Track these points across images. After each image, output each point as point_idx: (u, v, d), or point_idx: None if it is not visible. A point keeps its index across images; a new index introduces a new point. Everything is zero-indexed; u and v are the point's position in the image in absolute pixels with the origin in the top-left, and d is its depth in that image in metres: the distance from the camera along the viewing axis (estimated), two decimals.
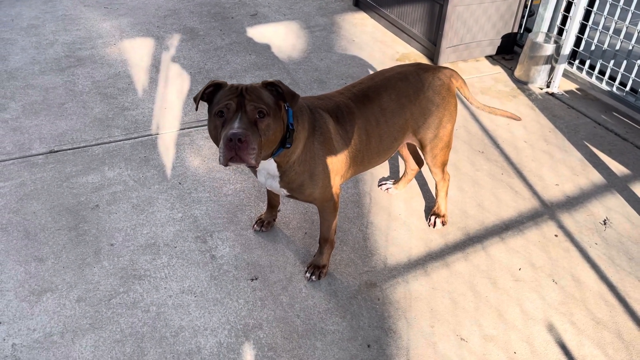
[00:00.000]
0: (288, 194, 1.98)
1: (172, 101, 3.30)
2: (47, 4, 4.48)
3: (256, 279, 2.18)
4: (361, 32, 4.30)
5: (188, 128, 3.07)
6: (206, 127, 3.07)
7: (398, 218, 2.51)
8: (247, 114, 1.65)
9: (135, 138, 2.97)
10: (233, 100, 1.66)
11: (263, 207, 2.53)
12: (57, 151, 2.84)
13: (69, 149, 2.86)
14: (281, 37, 4.12)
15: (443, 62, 3.81)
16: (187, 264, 2.23)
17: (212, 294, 2.11)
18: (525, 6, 3.86)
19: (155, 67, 3.65)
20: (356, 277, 2.21)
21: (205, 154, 2.87)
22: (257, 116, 1.66)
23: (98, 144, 2.91)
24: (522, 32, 4.00)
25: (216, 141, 1.71)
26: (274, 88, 1.74)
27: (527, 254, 2.35)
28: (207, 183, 2.67)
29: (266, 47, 3.96)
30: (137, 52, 3.82)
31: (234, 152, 1.61)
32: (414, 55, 3.98)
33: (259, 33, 4.18)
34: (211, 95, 1.76)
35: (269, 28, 4.27)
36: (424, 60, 3.91)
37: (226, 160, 1.63)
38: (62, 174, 2.68)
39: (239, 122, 1.63)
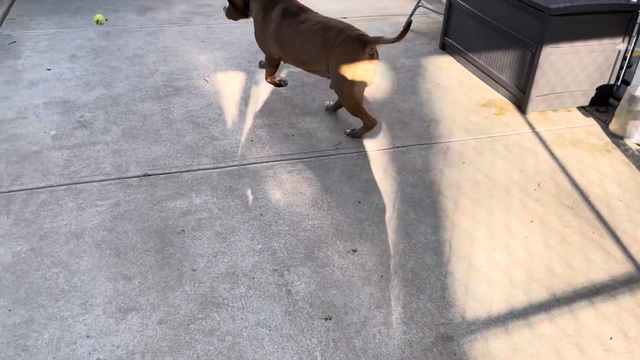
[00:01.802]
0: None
1: (259, 134, 3.42)
2: (151, 35, 4.84)
3: (330, 319, 2.18)
4: (447, 75, 4.29)
5: (272, 161, 3.16)
6: (289, 161, 3.16)
7: (479, 270, 2.43)
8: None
9: (222, 167, 3.09)
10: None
11: (340, 245, 2.55)
12: (150, 175, 3.01)
13: (161, 174, 3.02)
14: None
15: (532, 110, 3.71)
16: (264, 297, 2.27)
17: (286, 330, 2.12)
18: (624, 57, 3.70)
19: (244, 100, 3.82)
20: (432, 328, 2.15)
21: (286, 187, 2.94)
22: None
23: (188, 171, 3.06)
24: (619, 84, 3.82)
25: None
26: None
27: (619, 322, 2.19)
28: (287, 217, 2.72)
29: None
30: (229, 84, 4.01)
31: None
32: (501, 101, 3.90)
33: None
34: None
35: None
36: (511, 107, 3.83)
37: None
38: (154, 197, 2.83)
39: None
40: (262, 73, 4.19)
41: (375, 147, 3.34)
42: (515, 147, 3.38)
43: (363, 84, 3.17)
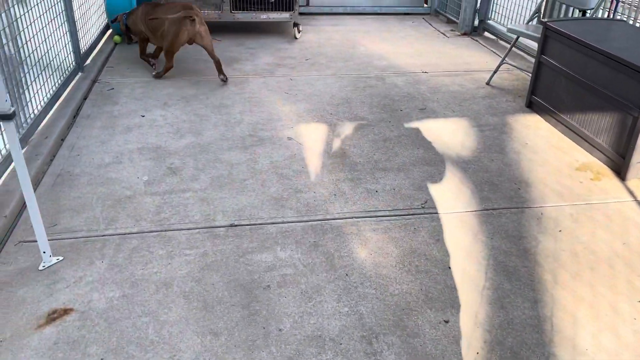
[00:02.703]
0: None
1: (342, 189, 3.41)
2: (237, 85, 5.02)
3: None
4: (534, 135, 4.15)
5: (356, 218, 3.12)
6: (374, 219, 3.11)
7: (585, 354, 2.24)
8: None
9: (307, 221, 3.08)
10: None
11: (431, 314, 2.43)
12: (236, 225, 3.04)
13: (247, 225, 3.05)
14: (449, 133, 4.12)
15: (632, 177, 3.49)
16: None
17: None
18: None
19: (327, 152, 3.84)
20: None
21: (372, 247, 2.87)
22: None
23: (272, 223, 3.07)
24: None
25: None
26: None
27: None
28: (374, 279, 2.65)
29: (434, 143, 3.98)
30: (312, 136, 4.06)
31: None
32: (596, 165, 3.70)
33: (427, 127, 4.23)
34: None
35: (438, 123, 4.31)
36: (608, 172, 3.62)
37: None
38: (240, 249, 2.85)
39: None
40: (345, 125, 4.22)
41: (463, 207, 3.23)
42: (617, 216, 3.17)
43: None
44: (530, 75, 4.90)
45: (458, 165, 3.70)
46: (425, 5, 7.86)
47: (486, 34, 6.76)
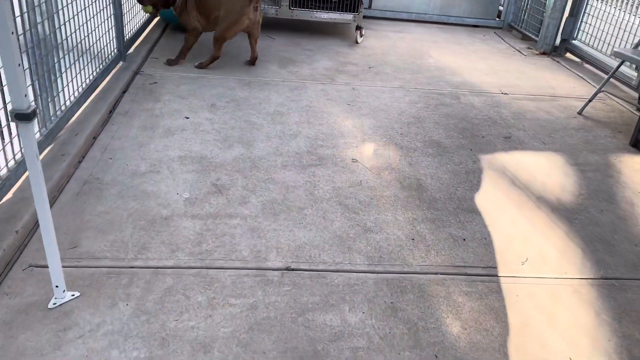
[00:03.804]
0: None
1: (421, 232, 2.79)
2: (294, 91, 4.45)
3: None
4: None
5: (443, 274, 2.51)
6: (465, 277, 2.48)
7: None
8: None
9: (380, 273, 2.48)
10: None
11: None
12: (293, 269, 2.46)
13: (306, 270, 2.46)
14: (544, 172, 3.47)
15: None
16: None
17: None
18: None
19: (399, 182, 3.23)
20: None
21: (466, 318, 2.25)
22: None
23: (337, 271, 2.48)
24: None
25: None
26: None
27: None
28: None
29: (527, 181, 3.33)
30: (380, 160, 3.46)
31: None
32: None
33: (516, 161, 3.58)
34: None
35: (528, 157, 3.65)
36: None
37: None
38: (298, 304, 2.26)
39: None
40: (418, 150, 3.60)
41: (575, 272, 2.57)
42: None
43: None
44: (635, 108, 4.22)
45: (561, 214, 3.04)
46: (497, 18, 7.18)
47: (568, 55, 6.05)
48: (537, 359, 2.08)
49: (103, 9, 4.10)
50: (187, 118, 3.83)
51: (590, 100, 4.46)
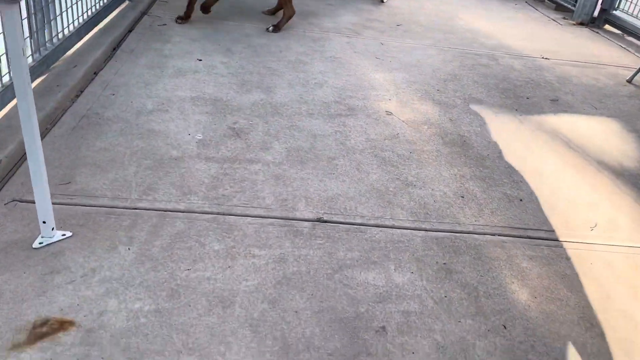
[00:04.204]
0: None
1: (470, 189, 2.41)
2: (317, 42, 4.04)
3: None
4: None
5: (501, 235, 2.13)
6: (528, 241, 2.11)
7: None
8: None
9: (428, 231, 2.10)
10: None
11: None
12: (325, 221, 2.08)
13: (341, 223, 2.08)
14: (600, 137, 3.08)
15: None
16: None
17: None
18: None
19: (441, 137, 2.84)
20: None
21: (534, 285, 1.88)
22: None
23: (378, 226, 2.10)
24: None
25: None
26: None
27: None
28: (548, 340, 1.66)
29: (585, 146, 2.94)
30: (418, 115, 3.07)
31: None
32: None
33: (567, 124, 3.19)
34: None
35: (580, 121, 3.27)
36: None
37: None
38: (333, 259, 1.89)
39: None
40: (458, 106, 3.21)
41: None
42: None
43: None
44: None
45: (625, 179, 2.66)
46: None
47: (607, 27, 5.64)
48: (626, 336, 1.72)
49: None
50: (200, 60, 3.42)
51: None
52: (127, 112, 2.69)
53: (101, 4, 3.56)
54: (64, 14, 2.99)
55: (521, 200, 2.38)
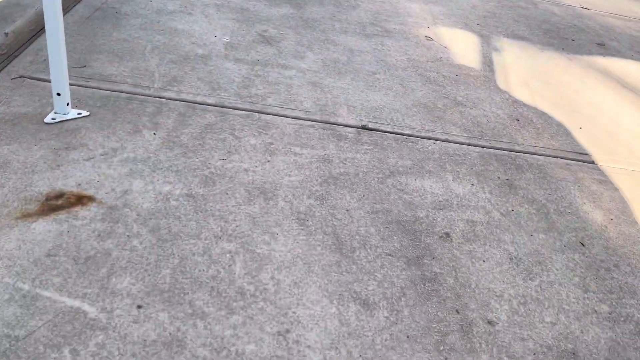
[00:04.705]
0: None
1: (525, 115, 2.19)
2: None
3: None
4: None
5: (565, 159, 1.92)
6: (594, 167, 1.89)
7: None
8: None
9: (485, 147, 1.88)
10: None
11: None
12: (372, 129, 1.85)
13: (390, 132, 1.86)
14: None
15: None
16: None
17: None
18: None
19: (487, 66, 2.60)
20: None
21: (608, 207, 1.67)
22: None
23: (430, 138, 1.87)
24: None
25: None
26: None
27: None
28: (633, 260, 1.46)
29: (636, 87, 2.72)
30: (459, 44, 2.82)
31: None
32: None
33: (617, 66, 2.96)
34: None
35: (630, 65, 3.04)
36: None
37: None
38: (384, 165, 1.66)
39: None
40: (501, 40, 2.96)
41: None
42: None
43: None
44: None
45: None
46: None
47: None
48: None
49: None
50: None
51: None
52: (146, 9, 2.42)
53: None
54: None
55: (581, 128, 2.16)
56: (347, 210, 1.43)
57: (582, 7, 4.13)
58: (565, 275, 1.36)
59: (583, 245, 1.48)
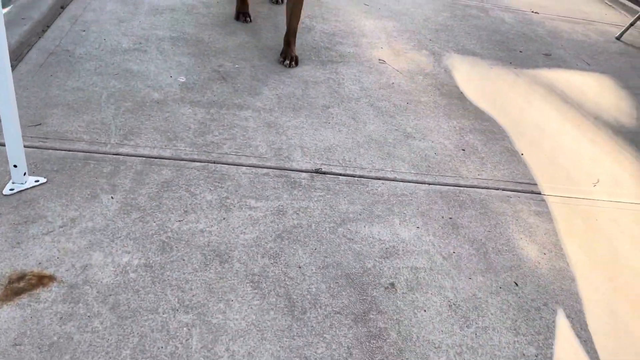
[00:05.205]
0: None
1: (470, 142, 2.31)
2: None
3: None
4: None
5: (505, 190, 2.05)
6: (531, 195, 2.02)
7: None
8: None
9: (431, 184, 2.00)
10: None
11: None
12: (324, 172, 1.95)
13: (342, 175, 1.95)
14: (595, 92, 3.01)
15: None
16: None
17: None
18: None
19: (437, 89, 2.71)
20: None
21: (542, 242, 1.81)
22: None
23: (379, 178, 1.98)
24: None
25: None
26: None
27: None
28: (562, 298, 1.59)
29: (581, 101, 2.86)
30: (411, 64, 2.91)
31: None
32: None
33: (562, 79, 3.10)
34: None
35: (574, 76, 3.19)
36: None
37: None
38: (336, 212, 1.76)
39: None
40: (453, 57, 3.07)
41: None
42: None
43: None
44: None
45: (623, 135, 2.61)
46: None
47: None
48: (636, 292, 1.68)
49: None
50: None
51: (630, 26, 3.99)
52: (100, 49, 2.44)
53: None
54: None
55: (522, 154, 2.30)
56: (300, 267, 1.52)
57: (532, 12, 4.27)
58: (499, 319, 1.49)
59: (517, 285, 1.62)
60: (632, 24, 3.98)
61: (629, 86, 3.20)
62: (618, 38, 4.00)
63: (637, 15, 4.03)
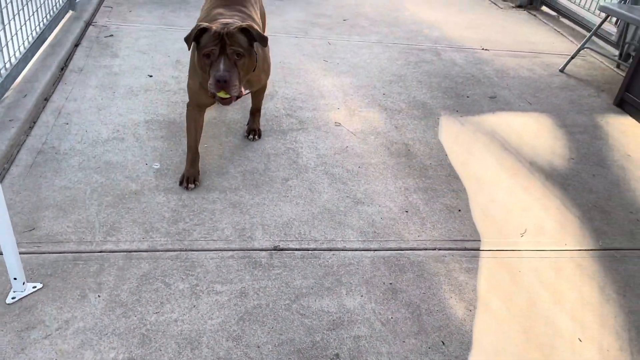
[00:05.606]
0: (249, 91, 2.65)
1: (414, 203, 2.62)
2: None
3: None
4: (636, 144, 3.39)
5: (441, 249, 2.36)
6: (464, 252, 2.34)
7: None
8: (228, 57, 2.19)
9: (376, 250, 2.31)
10: (217, 46, 2.17)
11: None
12: (282, 249, 2.25)
13: (297, 250, 2.26)
14: (533, 134, 3.33)
15: None
16: None
17: None
18: None
19: (387, 148, 3.02)
20: None
21: (469, 298, 2.12)
22: (236, 57, 2.21)
23: (330, 249, 2.28)
24: None
25: (205, 74, 2.26)
26: (248, 32, 2.25)
27: None
28: (480, 353, 1.91)
29: (518, 145, 3.18)
30: (365, 123, 3.23)
31: (220, 87, 2.19)
32: None
33: (504, 123, 3.42)
34: (198, 36, 2.24)
35: (515, 119, 3.51)
36: None
37: (215, 93, 2.24)
38: (290, 289, 2.07)
39: (222, 65, 2.17)
40: (403, 111, 3.39)
41: (575, 243, 2.47)
42: None
43: None
44: (616, 65, 4.14)
45: (554, 180, 2.93)
46: None
47: (544, 8, 5.89)
48: (547, 342, 1.98)
49: None
50: (151, 76, 3.46)
51: (572, 58, 4.32)
52: (82, 143, 2.75)
53: (44, 22, 3.52)
54: (10, 43, 2.97)
55: (460, 210, 2.61)
56: (258, 347, 1.83)
57: (483, 49, 4.60)
58: None
59: (444, 344, 1.92)
60: (573, 57, 4.32)
61: (566, 124, 3.52)
62: (562, 70, 4.34)
63: (577, 48, 4.37)
